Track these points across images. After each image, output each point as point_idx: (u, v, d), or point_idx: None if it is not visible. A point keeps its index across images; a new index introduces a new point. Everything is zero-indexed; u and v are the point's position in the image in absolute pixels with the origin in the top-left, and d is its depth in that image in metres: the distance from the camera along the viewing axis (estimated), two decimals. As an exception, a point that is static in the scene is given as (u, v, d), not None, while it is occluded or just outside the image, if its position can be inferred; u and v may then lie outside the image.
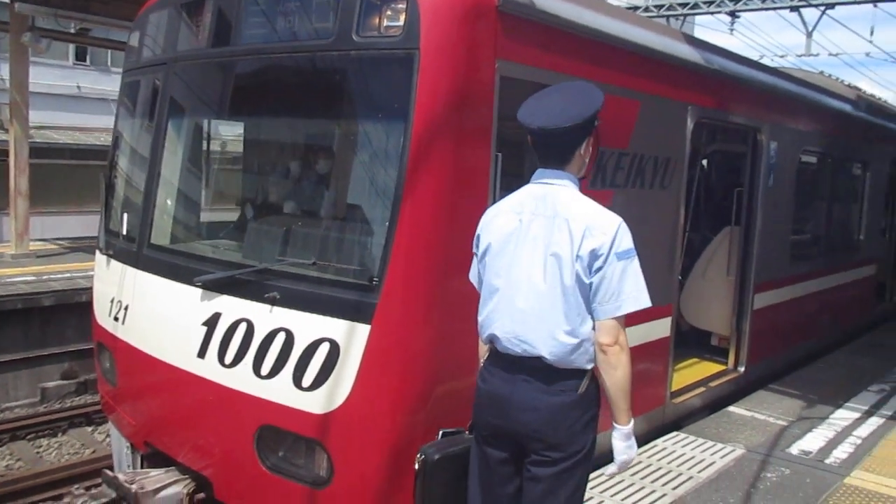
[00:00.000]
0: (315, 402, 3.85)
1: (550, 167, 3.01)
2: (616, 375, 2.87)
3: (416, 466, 3.19)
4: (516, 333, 2.91)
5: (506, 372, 2.97)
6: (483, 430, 3.08)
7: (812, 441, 6.06)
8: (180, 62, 4.95)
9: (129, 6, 11.75)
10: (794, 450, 5.85)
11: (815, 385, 7.67)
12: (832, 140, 9.02)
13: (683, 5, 21.92)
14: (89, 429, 9.27)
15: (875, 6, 18.41)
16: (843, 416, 6.76)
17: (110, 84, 22.90)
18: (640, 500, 4.81)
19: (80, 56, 24.77)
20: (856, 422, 6.61)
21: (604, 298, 2.82)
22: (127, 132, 5.71)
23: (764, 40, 32.45)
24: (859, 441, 6.11)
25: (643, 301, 2.86)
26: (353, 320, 3.78)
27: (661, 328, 5.78)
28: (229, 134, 6.19)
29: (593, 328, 2.88)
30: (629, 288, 2.82)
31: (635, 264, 2.86)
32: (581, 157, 3.03)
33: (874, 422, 6.64)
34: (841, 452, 5.83)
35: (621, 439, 2.97)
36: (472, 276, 3.22)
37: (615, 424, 2.98)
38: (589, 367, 2.92)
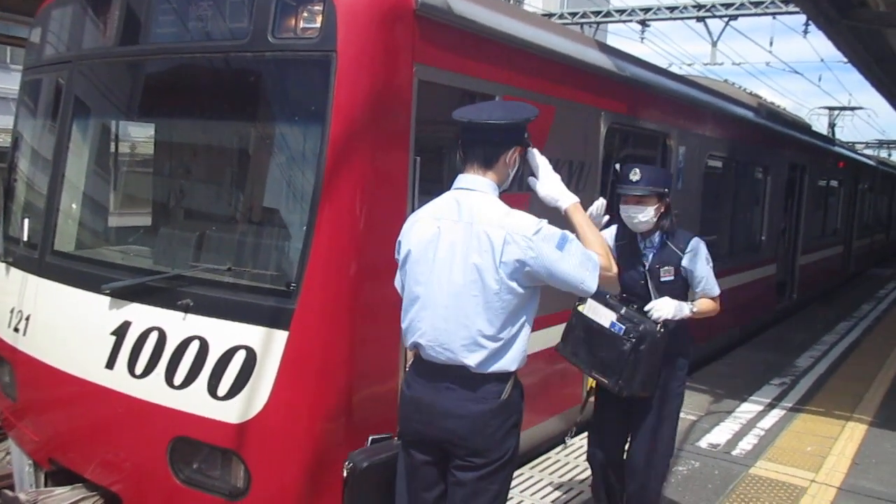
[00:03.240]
0: (231, 412, 3.75)
1: (473, 171, 3.01)
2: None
3: (345, 474, 3.15)
4: (439, 341, 2.90)
5: (430, 379, 2.96)
6: (408, 435, 3.07)
7: (720, 434, 6.33)
8: (86, 60, 4.75)
9: (28, 0, 11.22)
10: (704, 443, 6.10)
11: (722, 380, 8.02)
12: (735, 145, 9.45)
13: (597, 13, 22.54)
14: (-13, 446, 8.74)
15: (774, 18, 19.40)
16: (747, 409, 7.10)
17: (10, 82, 21.70)
18: (558, 497, 4.91)
19: (-24, 52, 23.42)
20: (759, 414, 6.94)
21: (576, 283, 2.88)
22: (28, 133, 5.43)
23: (672, 49, 33.87)
24: (763, 433, 6.42)
25: (595, 266, 2.94)
26: (270, 327, 3.71)
27: (577, 328, 5.90)
28: (139, 135, 5.97)
29: (515, 333, 2.91)
30: (581, 267, 2.89)
31: (573, 243, 2.89)
32: (506, 165, 3.04)
33: (776, 414, 6.99)
34: (746, 444, 6.12)
35: None
36: (397, 283, 3.19)
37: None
38: (513, 369, 2.94)
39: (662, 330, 3.86)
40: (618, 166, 8.88)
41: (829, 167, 15.27)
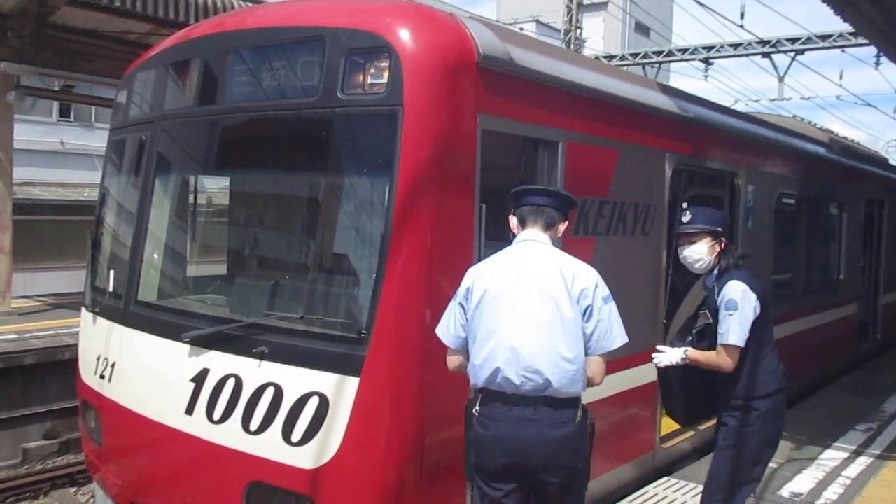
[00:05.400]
0: (305, 457, 3.83)
1: (536, 228, 3.54)
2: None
3: None
4: (524, 365, 3.24)
5: (509, 413, 3.25)
6: (490, 471, 3.32)
7: (802, 483, 6.05)
8: (168, 120, 5.03)
9: (113, 63, 11.91)
10: (785, 492, 5.84)
11: (802, 425, 7.68)
12: (808, 182, 9.22)
13: (658, 53, 22.53)
14: (72, 490, 9.05)
15: (843, 51, 19.00)
16: (831, 456, 6.78)
17: (94, 140, 22.91)
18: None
19: (64, 112, 24.79)
20: (844, 462, 6.62)
21: (600, 337, 3.38)
22: (114, 189, 5.74)
23: (738, 84, 33.41)
24: (849, 482, 6.12)
25: (625, 337, 3.47)
26: (342, 373, 3.79)
27: (647, 373, 5.79)
28: (216, 188, 6.24)
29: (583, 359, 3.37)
30: (617, 328, 3.42)
31: (615, 306, 3.44)
32: (557, 233, 3.60)
33: (863, 461, 6.65)
34: (831, 493, 5.83)
35: None
36: (445, 329, 3.51)
37: None
38: (581, 391, 3.37)
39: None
40: (685, 206, 8.76)
41: (910, 201, 14.67)
